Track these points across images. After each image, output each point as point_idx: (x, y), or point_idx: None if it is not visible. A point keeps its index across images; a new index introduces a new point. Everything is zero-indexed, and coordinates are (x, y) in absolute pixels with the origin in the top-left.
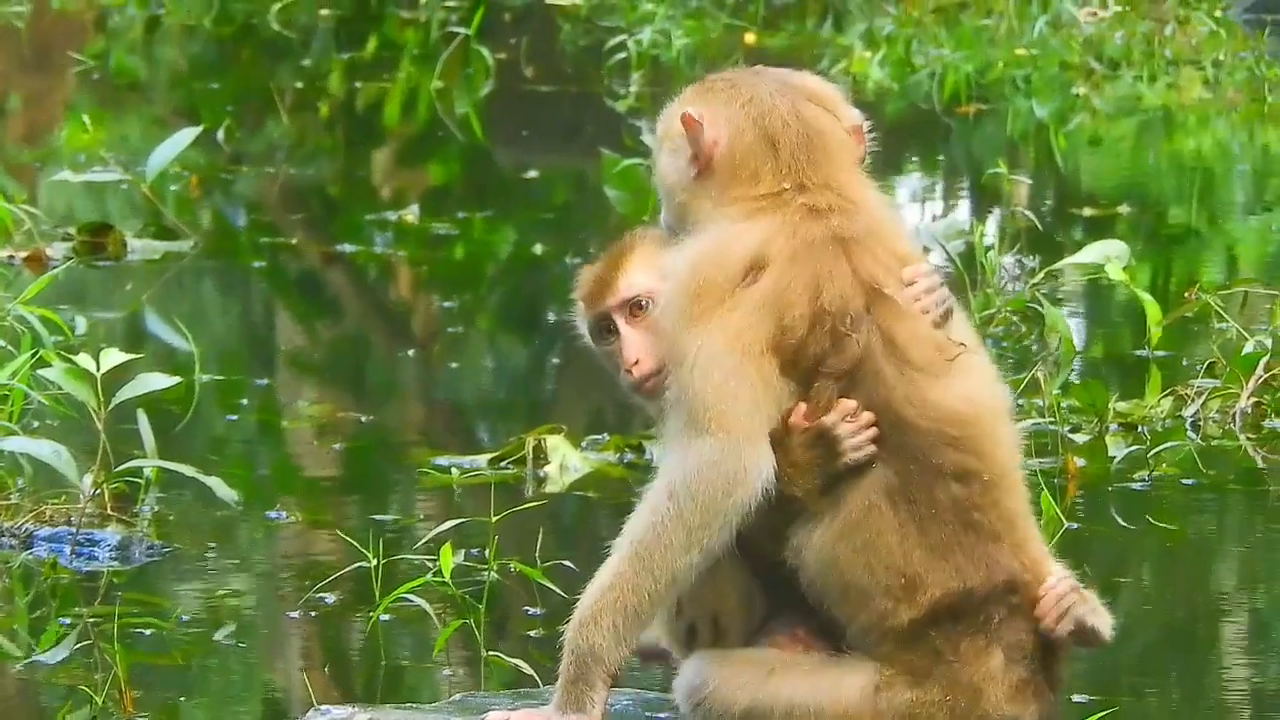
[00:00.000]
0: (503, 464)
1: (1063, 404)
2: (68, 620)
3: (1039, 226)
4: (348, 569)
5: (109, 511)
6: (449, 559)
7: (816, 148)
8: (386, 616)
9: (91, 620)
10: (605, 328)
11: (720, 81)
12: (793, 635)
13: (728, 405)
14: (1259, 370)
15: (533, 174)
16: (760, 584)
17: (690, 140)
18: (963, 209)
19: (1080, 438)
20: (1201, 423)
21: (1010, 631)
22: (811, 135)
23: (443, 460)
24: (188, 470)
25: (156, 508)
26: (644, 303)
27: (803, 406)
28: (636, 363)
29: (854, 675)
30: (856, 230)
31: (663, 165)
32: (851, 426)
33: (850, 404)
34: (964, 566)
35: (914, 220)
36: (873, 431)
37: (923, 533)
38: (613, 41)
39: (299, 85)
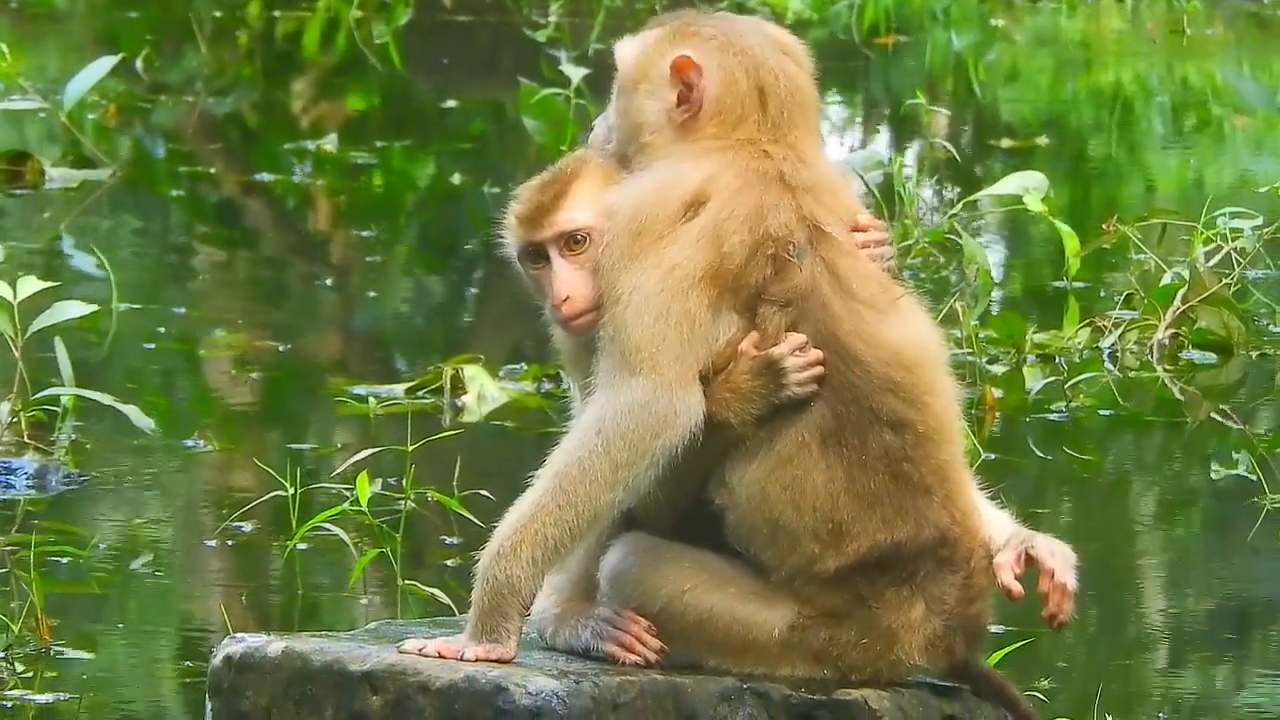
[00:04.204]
0: (420, 393)
1: (980, 335)
2: None
3: (957, 158)
4: (265, 498)
5: (26, 440)
6: (366, 488)
7: (796, 105)
8: (303, 545)
9: (8, 548)
10: (538, 255)
11: (705, 27)
12: None
13: (659, 347)
14: (1176, 302)
15: (451, 104)
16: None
17: (682, 84)
18: (881, 140)
19: (998, 369)
20: (1119, 354)
21: (935, 585)
22: (795, 93)
23: (360, 389)
24: (105, 399)
25: (74, 436)
26: (581, 237)
27: (755, 335)
28: (566, 299)
29: (773, 611)
30: (803, 178)
31: (634, 105)
32: (799, 360)
33: (800, 338)
34: (892, 519)
35: (833, 152)
36: (819, 369)
37: (850, 479)
38: None
39: (218, 15)
